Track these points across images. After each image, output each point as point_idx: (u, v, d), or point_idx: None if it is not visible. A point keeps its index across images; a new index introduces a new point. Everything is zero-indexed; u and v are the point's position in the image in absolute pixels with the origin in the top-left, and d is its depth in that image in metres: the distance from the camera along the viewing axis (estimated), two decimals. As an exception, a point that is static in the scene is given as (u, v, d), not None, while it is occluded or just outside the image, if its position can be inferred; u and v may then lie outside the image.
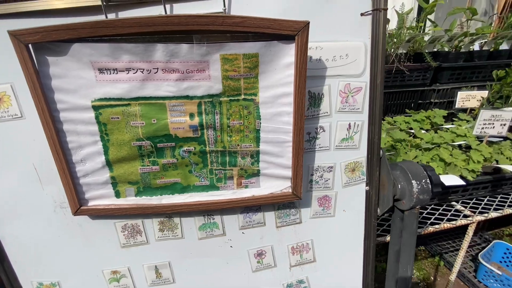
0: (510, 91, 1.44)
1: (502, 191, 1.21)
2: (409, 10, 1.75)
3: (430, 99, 1.74)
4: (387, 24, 1.64)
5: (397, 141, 1.23)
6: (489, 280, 1.98)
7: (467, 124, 1.42)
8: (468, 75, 1.73)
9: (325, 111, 0.61)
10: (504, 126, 1.11)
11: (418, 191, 0.60)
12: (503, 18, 1.79)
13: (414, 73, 1.64)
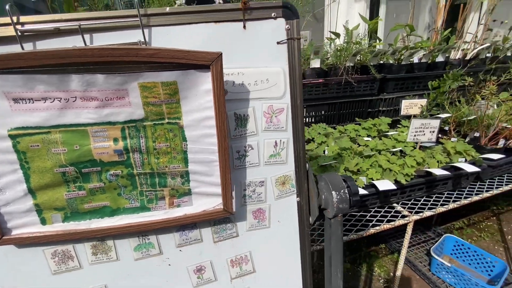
0: (444, 100, 1.60)
1: (437, 190, 1.34)
2: (356, 26, 1.90)
3: (379, 108, 1.89)
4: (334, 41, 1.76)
5: (343, 149, 1.31)
6: (441, 272, 2.14)
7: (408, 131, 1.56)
8: (410, 85, 1.90)
9: (252, 130, 0.66)
10: (433, 133, 1.24)
11: (338, 200, 0.66)
12: (440, 33, 2.00)
13: (362, 84, 1.77)
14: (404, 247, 1.28)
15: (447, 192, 1.35)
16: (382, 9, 2.55)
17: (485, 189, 1.38)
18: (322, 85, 1.69)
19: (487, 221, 2.83)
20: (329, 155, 1.32)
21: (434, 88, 1.63)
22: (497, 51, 2.15)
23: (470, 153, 1.32)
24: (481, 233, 2.66)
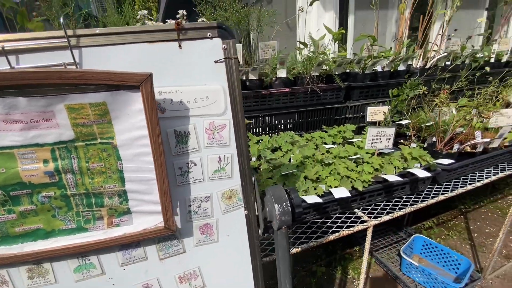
0: (403, 107, 1.68)
1: (396, 195, 1.39)
2: (322, 36, 1.96)
3: (345, 115, 1.95)
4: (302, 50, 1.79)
5: (305, 157, 1.34)
6: (411, 272, 2.22)
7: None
8: (375, 93, 1.97)
9: (194, 147, 0.66)
10: (389, 140, 1.30)
11: (280, 213, 0.68)
12: (401, 43, 2.10)
13: (328, 92, 1.82)
14: (366, 251, 1.31)
15: (406, 196, 1.40)
16: (350, 19, 2.65)
17: (441, 192, 1.45)
18: (289, 94, 1.73)
19: (455, 220, 2.96)
20: (293, 164, 1.34)
21: (394, 96, 1.71)
22: (457, 59, 2.29)
23: (425, 159, 1.39)
24: (449, 231, 2.78)
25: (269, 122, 1.77)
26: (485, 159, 1.58)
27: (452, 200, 3.26)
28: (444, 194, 1.44)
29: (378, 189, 1.27)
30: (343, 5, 2.68)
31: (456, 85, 1.70)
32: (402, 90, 1.62)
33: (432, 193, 1.44)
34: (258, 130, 1.76)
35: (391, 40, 2.95)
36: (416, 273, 2.19)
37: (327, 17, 2.56)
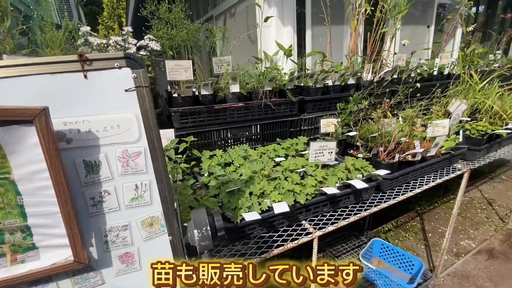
0: (350, 119, 1.78)
1: (342, 204, 1.46)
2: (276, 52, 2.03)
3: (301, 127, 2.02)
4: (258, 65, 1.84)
5: (254, 172, 1.37)
6: (370, 275, 2.30)
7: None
8: (328, 105, 2.07)
9: (107, 176, 0.66)
10: (331, 153, 1.36)
11: (199, 238, 0.68)
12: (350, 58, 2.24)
13: (282, 106, 1.88)
14: (313, 262, 1.35)
15: (351, 205, 1.47)
16: (308, 34, 2.77)
17: (384, 200, 1.53)
18: (243, 108, 1.76)
19: (412, 221, 3.14)
20: (242, 179, 1.36)
21: (341, 109, 1.81)
22: (403, 72, 2.47)
23: (367, 169, 1.47)
24: (406, 233, 2.94)
25: (224, 136, 1.79)
26: (424, 166, 1.70)
27: (409, 202, 3.46)
28: (387, 201, 1.52)
29: (322, 200, 1.32)
30: (300, 20, 2.80)
31: (394, 100, 1.83)
32: (346, 104, 1.72)
33: (376, 201, 1.53)
34: (213, 145, 1.76)
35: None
36: (375, 276, 2.28)
37: (286, 31, 2.66)
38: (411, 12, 3.57)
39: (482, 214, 3.20)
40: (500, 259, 2.51)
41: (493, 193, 3.62)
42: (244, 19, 3.00)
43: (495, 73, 2.44)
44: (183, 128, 1.63)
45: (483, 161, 2.03)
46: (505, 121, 2.15)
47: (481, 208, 3.31)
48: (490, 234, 2.83)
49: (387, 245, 2.46)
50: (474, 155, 1.96)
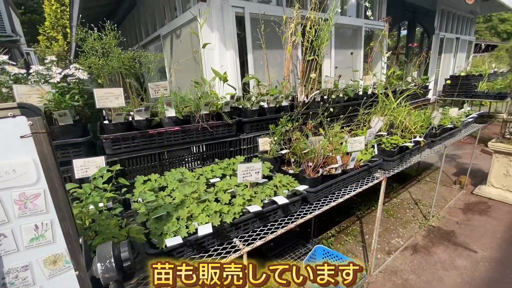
0: (280, 139, 1.96)
1: (272, 219, 1.58)
2: (213, 78, 2.16)
3: (240, 146, 2.14)
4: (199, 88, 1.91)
5: (185, 195, 1.43)
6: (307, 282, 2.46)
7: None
8: (265, 125, 2.24)
9: (2, 219, 0.67)
10: (258, 173, 1.49)
11: (103, 271, 0.73)
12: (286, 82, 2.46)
13: (220, 128, 1.99)
14: (245, 277, 1.44)
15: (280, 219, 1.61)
16: (249, 57, 2.97)
17: (310, 211, 1.71)
18: (180, 131, 1.83)
19: (352, 225, 3.45)
20: (175, 202, 1.41)
21: (273, 130, 1.98)
22: (333, 93, 2.77)
23: (292, 185, 1.64)
24: (347, 237, 3.22)
25: (161, 160, 1.82)
26: (346, 178, 1.94)
27: (351, 207, 3.79)
28: (312, 213, 1.70)
29: (250, 218, 1.43)
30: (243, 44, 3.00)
31: (315, 120, 2.07)
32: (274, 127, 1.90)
33: (303, 213, 1.69)
34: (149, 169, 1.78)
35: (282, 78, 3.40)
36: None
37: (229, 55, 2.81)
38: (344, 38, 4.05)
39: (410, 214, 3.65)
40: (422, 253, 2.89)
41: (419, 194, 4.16)
42: (189, 41, 3.10)
43: (406, 93, 2.89)
44: (116, 154, 1.63)
45: (397, 169, 2.36)
46: (413, 134, 2.55)
47: (409, 208, 3.78)
48: (415, 231, 3.24)
49: (328, 250, 2.67)
50: (389, 165, 2.28)
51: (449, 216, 3.52)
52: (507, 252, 2.80)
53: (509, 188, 3.71)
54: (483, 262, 2.69)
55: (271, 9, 2.97)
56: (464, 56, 7.93)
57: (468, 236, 3.09)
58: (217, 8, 2.70)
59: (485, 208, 3.65)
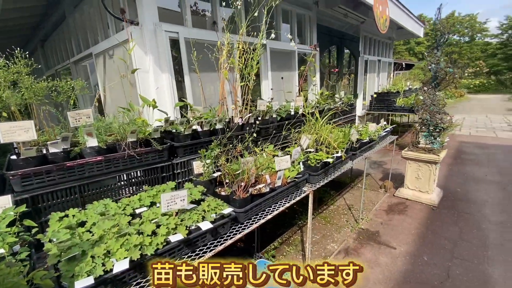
0: (211, 163, 2.04)
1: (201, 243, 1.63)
2: (142, 105, 2.15)
3: (173, 171, 2.16)
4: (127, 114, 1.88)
5: (105, 230, 1.40)
6: None
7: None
8: (200, 148, 2.30)
9: None
10: (184, 200, 1.54)
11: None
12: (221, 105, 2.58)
13: (149, 154, 1.98)
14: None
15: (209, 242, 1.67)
16: (186, 80, 3.02)
17: (239, 231, 1.80)
18: (104, 161, 1.77)
19: (294, 235, 3.66)
20: (93, 239, 1.36)
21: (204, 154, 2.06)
22: (266, 114, 2.98)
23: (221, 208, 1.72)
24: (289, 247, 3.40)
25: (83, 192, 1.73)
26: (274, 195, 2.10)
27: (293, 217, 4.04)
28: (241, 232, 1.79)
29: (175, 246, 1.46)
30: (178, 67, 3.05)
31: (245, 142, 2.23)
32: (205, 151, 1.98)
33: (233, 234, 1.78)
34: (68, 203, 1.68)
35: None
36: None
37: (164, 77, 2.83)
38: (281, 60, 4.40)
39: (344, 219, 4.04)
40: (352, 255, 3.21)
41: (352, 199, 4.63)
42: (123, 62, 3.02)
43: (330, 112, 3.26)
44: (26, 191, 1.51)
45: (322, 182, 2.63)
46: (336, 149, 2.89)
47: (344, 214, 4.18)
48: (348, 235, 3.60)
49: (269, 263, 2.79)
50: (315, 179, 2.54)
51: (375, 218, 4.00)
52: (418, 245, 3.30)
53: (421, 189, 4.40)
54: (400, 257, 3.12)
55: (205, 34, 3.11)
56: (386, 75, 9.24)
57: (389, 235, 3.55)
58: (150, 31, 2.72)
59: (403, 208, 4.24)
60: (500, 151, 6.95)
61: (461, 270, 2.85)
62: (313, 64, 3.87)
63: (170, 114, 2.69)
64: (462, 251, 3.15)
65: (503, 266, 2.87)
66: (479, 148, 7.25)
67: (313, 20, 5.08)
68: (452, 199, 4.40)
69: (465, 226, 3.64)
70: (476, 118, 12.23)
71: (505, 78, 28.75)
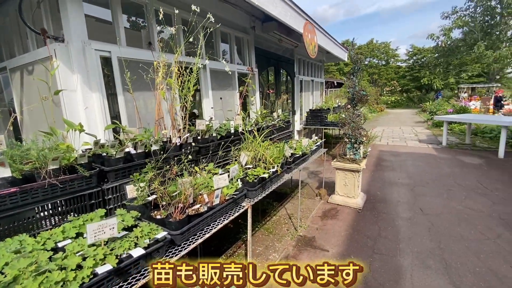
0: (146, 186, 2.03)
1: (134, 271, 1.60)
2: (67, 128, 2.03)
3: (104, 197, 2.06)
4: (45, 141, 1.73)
5: (20, 270, 1.27)
6: None
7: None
8: (134, 171, 2.24)
9: None
10: (113, 228, 1.51)
11: None
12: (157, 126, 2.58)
13: (75, 181, 1.87)
14: None
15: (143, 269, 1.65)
16: (120, 99, 2.93)
17: (176, 253, 1.82)
18: (20, 192, 1.61)
19: (239, 250, 3.75)
20: (7, 281, 1.23)
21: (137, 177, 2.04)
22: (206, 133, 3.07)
23: (155, 233, 1.72)
24: (233, 262, 3.48)
25: (-9, 230, 1.54)
26: (211, 214, 2.18)
27: (238, 232, 4.13)
28: (178, 254, 1.82)
29: (104, 277, 1.41)
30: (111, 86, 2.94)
31: (180, 164, 2.29)
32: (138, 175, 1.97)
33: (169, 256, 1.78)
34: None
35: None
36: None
37: (95, 97, 2.69)
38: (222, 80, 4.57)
39: (285, 228, 4.31)
40: (292, 261, 3.46)
41: (293, 208, 4.98)
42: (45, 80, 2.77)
43: (266, 130, 3.54)
44: None
45: (260, 196, 2.82)
46: (272, 165, 3.14)
47: (285, 223, 4.46)
48: (288, 243, 3.85)
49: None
50: (253, 194, 2.71)
51: (312, 224, 4.38)
52: (347, 245, 3.74)
53: (348, 194, 5.00)
54: (332, 258, 3.48)
55: (140, 54, 3.09)
56: (319, 93, 10.33)
57: (323, 239, 3.93)
58: (78, 50, 2.59)
59: (335, 213, 4.75)
60: (409, 158, 8.37)
61: (380, 263, 3.34)
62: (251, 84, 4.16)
63: (101, 136, 2.57)
64: (381, 246, 3.69)
65: (410, 256, 3.47)
66: (394, 156, 8.61)
67: (251, 43, 5.47)
68: (373, 202, 5.12)
69: (383, 224, 4.27)
70: (392, 130, 14.47)
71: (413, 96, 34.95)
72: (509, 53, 19.05)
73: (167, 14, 3.48)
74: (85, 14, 2.67)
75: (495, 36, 20.39)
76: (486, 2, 20.38)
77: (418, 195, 5.36)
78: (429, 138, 11.66)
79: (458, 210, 4.65)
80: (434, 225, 4.19)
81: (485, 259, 3.31)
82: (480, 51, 19.82)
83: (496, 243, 3.62)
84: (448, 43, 23.33)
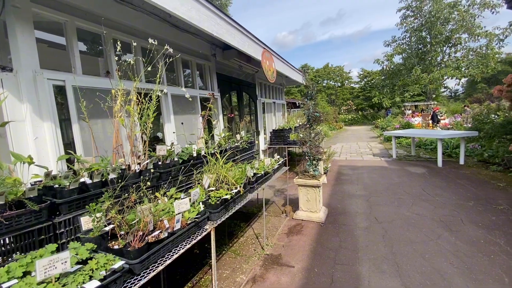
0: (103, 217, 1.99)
1: (89, 307, 1.54)
2: (14, 161, 1.95)
3: (55, 231, 1.96)
4: None
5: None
6: None
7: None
8: (89, 202, 2.18)
9: None
10: (65, 263, 1.46)
11: None
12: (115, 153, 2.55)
13: (23, 216, 1.78)
14: None
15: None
16: (75, 128, 2.85)
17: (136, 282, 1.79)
18: (-45, 233, 1.49)
19: (205, 276, 3.67)
20: None
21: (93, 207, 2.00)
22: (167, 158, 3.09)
23: (111, 263, 1.69)
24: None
25: None
26: (172, 240, 2.18)
27: (204, 257, 4.06)
28: (137, 284, 1.79)
29: (55, 316, 1.35)
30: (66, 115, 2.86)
31: (138, 191, 2.30)
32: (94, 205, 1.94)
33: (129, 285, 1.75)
34: None
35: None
36: None
37: (46, 127, 2.60)
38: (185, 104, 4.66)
39: (252, 248, 4.34)
40: (259, 281, 3.48)
41: (259, 228, 5.05)
42: (-14, 111, 2.61)
43: (228, 152, 3.67)
44: None
45: (223, 217, 2.88)
46: (235, 185, 3.24)
47: (252, 243, 4.49)
48: (255, 263, 3.88)
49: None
50: (216, 216, 2.76)
51: (278, 242, 4.48)
52: (311, 259, 3.89)
53: (311, 209, 5.24)
54: (298, 273, 3.59)
55: (97, 82, 3.09)
56: (281, 114, 10.89)
57: (289, 255, 4.04)
58: (28, 79, 2.53)
59: (300, 228, 4.93)
60: (365, 170, 9.07)
61: (341, 273, 3.53)
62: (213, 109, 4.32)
63: (53, 167, 2.47)
64: (342, 257, 3.90)
65: (368, 263, 3.72)
66: (352, 170, 9.27)
67: (213, 70, 5.71)
68: (335, 214, 5.43)
69: (343, 236, 4.54)
70: (350, 145, 15.60)
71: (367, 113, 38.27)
72: (440, 76, 22.24)
73: (126, 43, 3.56)
74: (36, 38, 2.64)
75: (428, 61, 23.73)
76: (418, 33, 23.85)
77: (373, 205, 5.82)
78: (381, 151, 12.79)
79: (406, 216, 5.14)
80: (387, 232, 4.57)
81: (429, 258, 3.70)
82: (417, 74, 22.82)
83: (437, 243, 4.07)
84: (391, 67, 26.46)
